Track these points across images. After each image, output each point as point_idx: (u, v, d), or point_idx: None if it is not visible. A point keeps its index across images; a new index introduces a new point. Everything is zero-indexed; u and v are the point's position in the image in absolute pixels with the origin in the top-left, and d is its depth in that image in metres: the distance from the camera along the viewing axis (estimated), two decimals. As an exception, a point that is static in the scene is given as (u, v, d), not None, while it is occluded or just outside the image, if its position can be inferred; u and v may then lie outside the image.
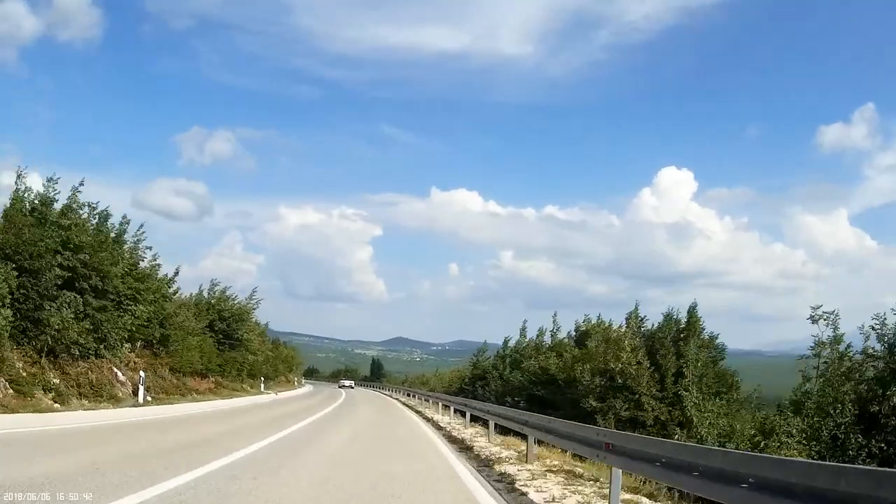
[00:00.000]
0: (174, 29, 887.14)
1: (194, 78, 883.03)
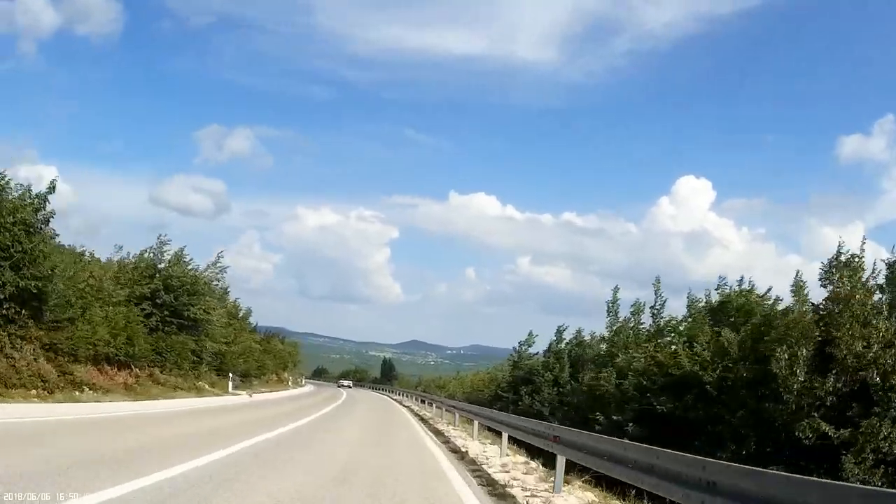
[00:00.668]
0: (194, 26, 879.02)
1: (214, 75, 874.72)
